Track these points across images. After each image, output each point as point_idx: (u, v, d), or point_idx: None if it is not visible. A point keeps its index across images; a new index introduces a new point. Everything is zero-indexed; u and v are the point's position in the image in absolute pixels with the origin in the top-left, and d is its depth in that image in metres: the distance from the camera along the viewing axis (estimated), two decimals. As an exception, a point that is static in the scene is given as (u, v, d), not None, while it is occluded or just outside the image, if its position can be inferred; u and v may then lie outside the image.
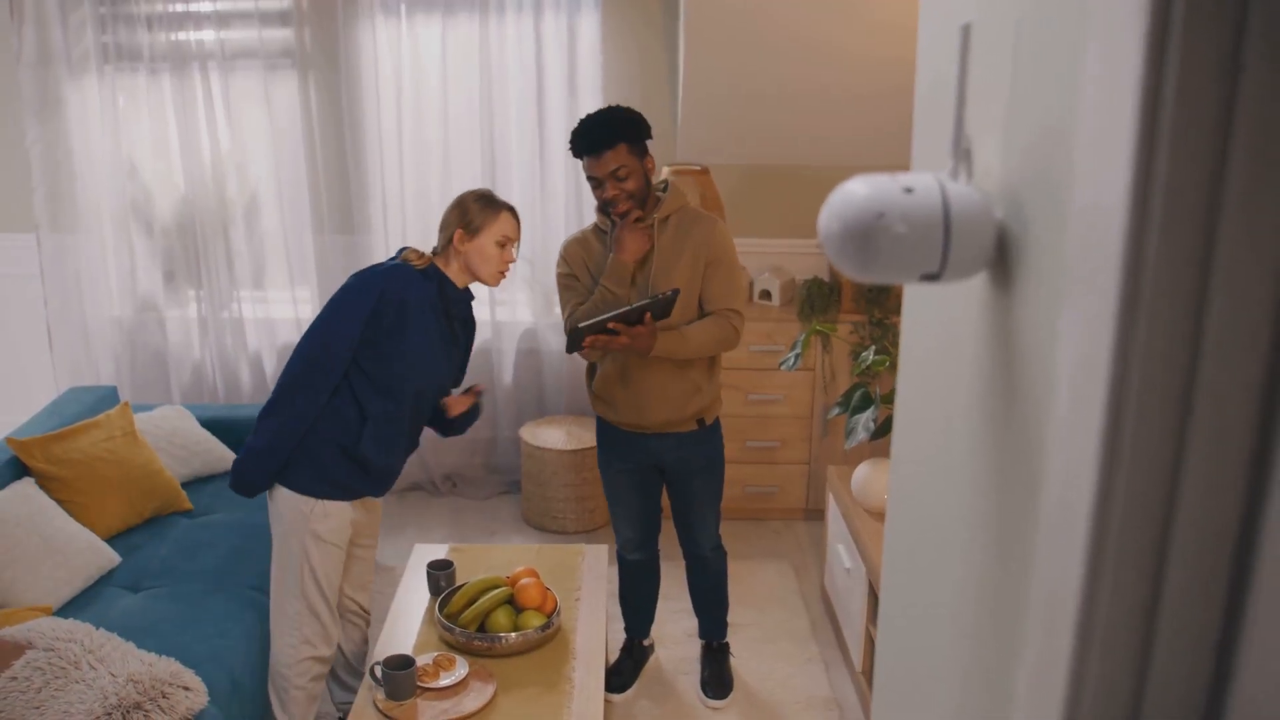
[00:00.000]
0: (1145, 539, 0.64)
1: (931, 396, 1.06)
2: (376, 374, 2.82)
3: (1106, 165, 0.62)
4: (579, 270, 3.10)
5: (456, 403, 3.05)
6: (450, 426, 3.12)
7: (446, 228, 2.89)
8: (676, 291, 2.90)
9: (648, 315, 2.88)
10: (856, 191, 0.82)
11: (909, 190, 0.81)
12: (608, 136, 2.92)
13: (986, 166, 0.87)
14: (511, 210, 2.90)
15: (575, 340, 2.88)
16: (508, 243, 2.88)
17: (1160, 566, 0.65)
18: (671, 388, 3.07)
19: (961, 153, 0.91)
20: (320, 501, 2.87)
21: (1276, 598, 0.61)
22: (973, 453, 0.92)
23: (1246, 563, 0.63)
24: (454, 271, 2.91)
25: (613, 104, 3.04)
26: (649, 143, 3.03)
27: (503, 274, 2.91)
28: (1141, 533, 0.64)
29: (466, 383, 3.21)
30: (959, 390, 0.95)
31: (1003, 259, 0.83)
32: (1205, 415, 0.61)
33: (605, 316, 2.86)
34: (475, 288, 3.06)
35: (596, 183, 2.96)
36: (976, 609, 0.92)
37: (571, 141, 2.98)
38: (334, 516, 2.90)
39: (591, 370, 3.21)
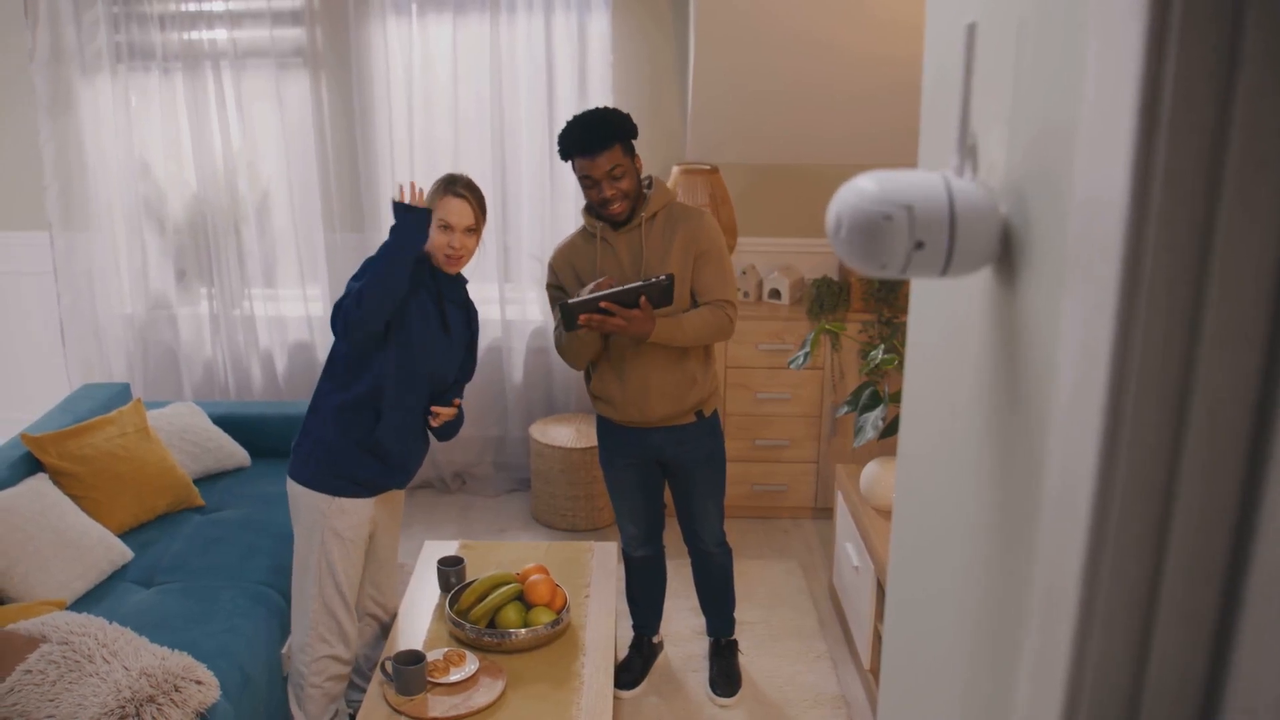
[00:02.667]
0: (1145, 524, 0.65)
1: (938, 388, 1.08)
2: (392, 358, 2.86)
3: (1107, 160, 0.63)
4: (566, 280, 3.12)
5: (444, 412, 3.00)
6: (438, 431, 3.10)
7: None
8: (671, 277, 2.91)
9: (643, 299, 2.89)
10: (864, 188, 0.83)
11: (915, 186, 0.82)
12: (604, 136, 2.93)
13: (991, 162, 0.89)
14: (463, 197, 2.87)
15: (570, 318, 2.90)
16: (449, 228, 2.85)
17: (1159, 551, 0.66)
18: (669, 381, 3.09)
19: (966, 149, 0.92)
20: (338, 499, 2.90)
21: (1273, 583, 0.63)
22: (977, 442, 0.93)
23: (1244, 548, 0.65)
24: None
25: (600, 106, 3.07)
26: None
27: (450, 258, 2.88)
28: (1141, 518, 0.65)
29: (476, 377, 3.23)
30: (964, 382, 0.97)
31: (1007, 253, 0.85)
32: (1203, 403, 0.63)
33: (597, 295, 2.87)
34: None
35: (591, 183, 2.97)
36: (981, 596, 0.93)
37: (562, 142, 2.98)
38: (351, 513, 2.92)
39: (589, 372, 3.22)
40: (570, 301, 2.88)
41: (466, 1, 4.55)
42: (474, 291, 3.13)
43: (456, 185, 2.89)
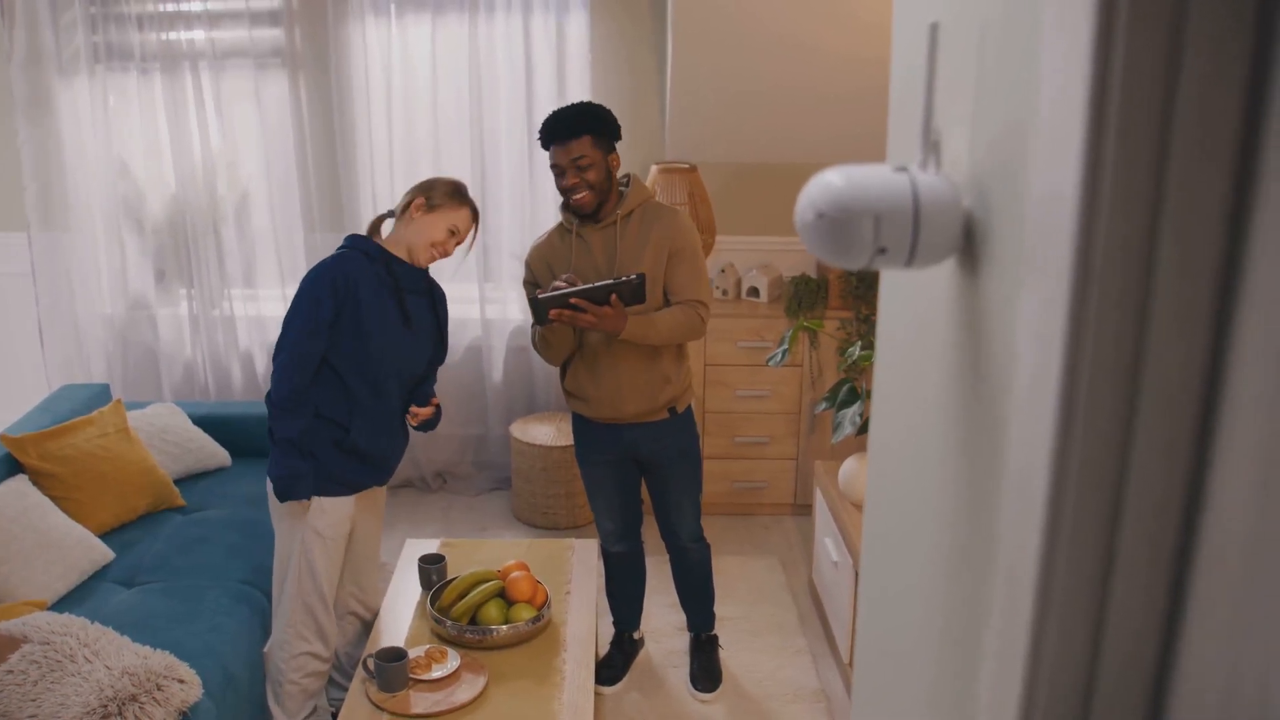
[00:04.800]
0: (1099, 507, 0.68)
1: (907, 381, 1.10)
2: (355, 364, 2.86)
3: (1060, 157, 0.66)
4: (541, 276, 3.15)
5: (422, 412, 3.07)
6: (417, 426, 3.15)
7: (409, 195, 2.97)
8: (642, 276, 2.93)
9: (614, 297, 2.92)
10: (832, 182, 0.86)
11: (881, 187, 0.85)
12: (574, 125, 2.98)
13: (955, 157, 0.91)
14: (475, 211, 3.00)
15: (540, 313, 2.93)
16: (456, 234, 2.95)
17: (1113, 534, 0.69)
18: (642, 379, 3.11)
19: (931, 144, 0.95)
20: (317, 498, 2.91)
21: (1221, 562, 0.65)
22: (944, 430, 0.96)
23: (1193, 528, 0.67)
24: (402, 247, 2.96)
25: (585, 100, 3.12)
26: (617, 144, 3.09)
27: (433, 258, 2.97)
28: (1095, 500, 0.68)
29: (457, 376, 3.24)
30: (932, 373, 0.99)
31: (970, 245, 0.88)
32: (1152, 388, 0.65)
33: (568, 291, 2.90)
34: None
35: (559, 170, 3.02)
36: (949, 584, 0.96)
37: (540, 132, 3.05)
38: (330, 512, 2.93)
39: (563, 369, 3.25)
40: (541, 296, 2.91)
41: (445, 2, 4.56)
42: (454, 291, 3.16)
43: (467, 196, 3.00)
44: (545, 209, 4.74)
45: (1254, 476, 0.62)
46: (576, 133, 2.98)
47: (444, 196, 2.94)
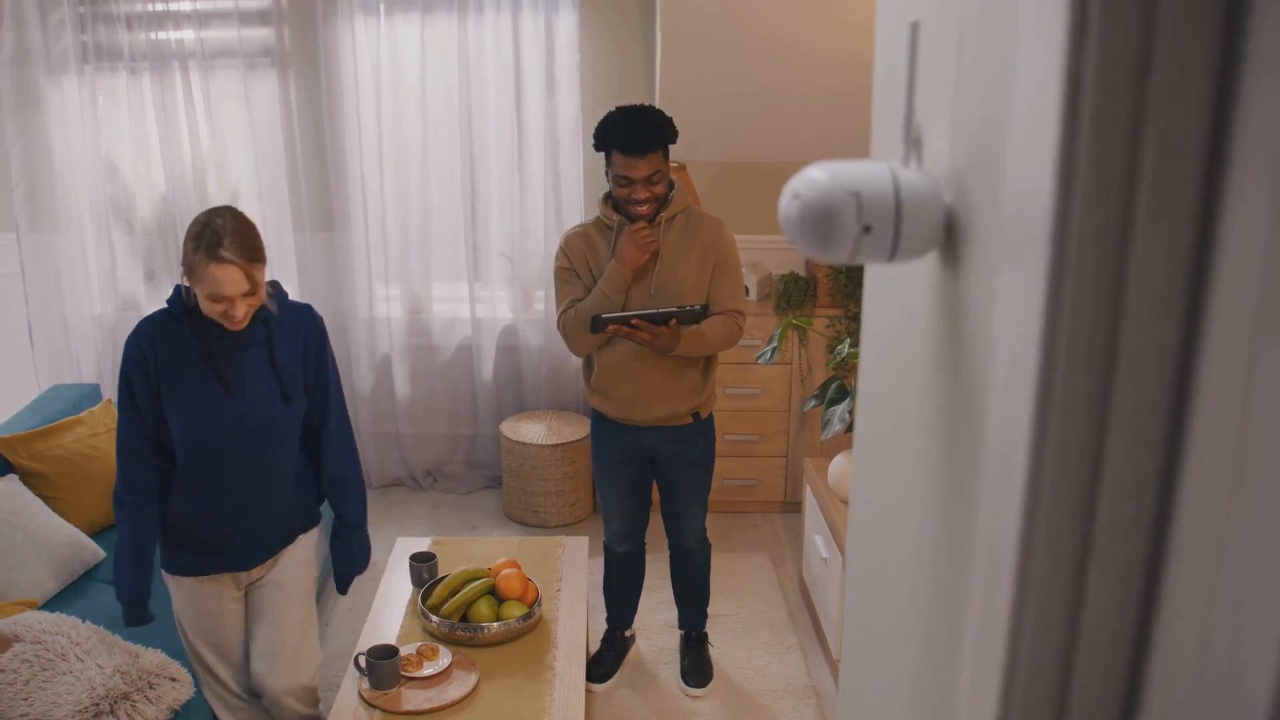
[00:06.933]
0: (1075, 489, 0.70)
1: (891, 371, 1.12)
2: (167, 437, 2.55)
3: (1036, 153, 0.68)
4: (579, 265, 3.13)
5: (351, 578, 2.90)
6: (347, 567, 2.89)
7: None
8: (705, 307, 2.99)
9: (673, 320, 2.95)
10: (815, 177, 0.88)
11: (863, 174, 0.87)
12: (650, 141, 2.90)
13: (936, 154, 0.93)
14: (226, 262, 2.38)
15: (599, 325, 2.95)
16: (224, 299, 2.40)
17: (1090, 515, 0.71)
18: (673, 384, 3.15)
19: (912, 141, 0.97)
20: (173, 576, 2.69)
21: (1194, 544, 0.67)
22: (927, 419, 0.98)
23: (1167, 511, 0.69)
24: None
25: (646, 105, 3.01)
26: None
27: (229, 318, 2.43)
28: (1072, 484, 0.70)
29: (446, 375, 3.22)
30: (915, 364, 1.01)
31: (951, 239, 0.90)
32: (1127, 376, 0.67)
33: (632, 314, 2.94)
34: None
35: (626, 182, 2.95)
36: (931, 566, 0.98)
37: (604, 134, 2.94)
38: (179, 593, 2.69)
39: (589, 363, 3.25)
40: (605, 315, 2.96)
41: (434, 1, 4.57)
42: (444, 291, 3.13)
43: (218, 250, 2.38)
44: (534, 208, 4.75)
45: (1225, 460, 0.64)
46: (652, 147, 2.91)
47: (189, 257, 2.41)
